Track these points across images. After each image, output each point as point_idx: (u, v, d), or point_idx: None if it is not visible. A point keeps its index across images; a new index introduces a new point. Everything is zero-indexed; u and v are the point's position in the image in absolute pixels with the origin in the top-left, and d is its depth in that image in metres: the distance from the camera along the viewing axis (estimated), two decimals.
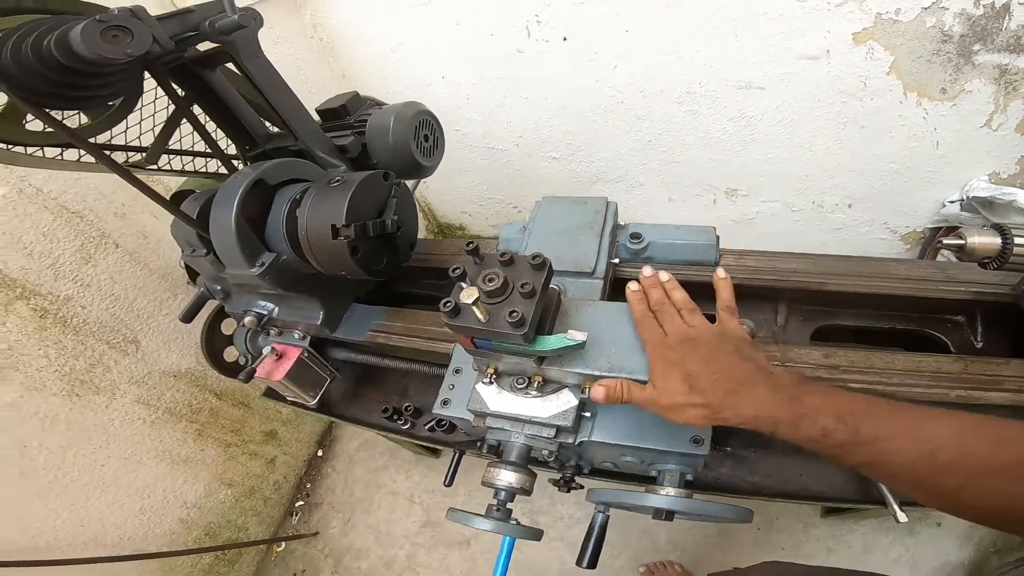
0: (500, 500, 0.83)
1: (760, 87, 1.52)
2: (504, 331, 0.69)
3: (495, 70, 1.69)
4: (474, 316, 0.70)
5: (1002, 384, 0.88)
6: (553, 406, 0.83)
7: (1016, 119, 1.47)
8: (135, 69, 0.93)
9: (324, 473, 2.25)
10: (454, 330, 0.74)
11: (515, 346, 0.73)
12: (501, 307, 0.71)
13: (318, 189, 0.98)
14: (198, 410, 1.66)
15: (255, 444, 1.92)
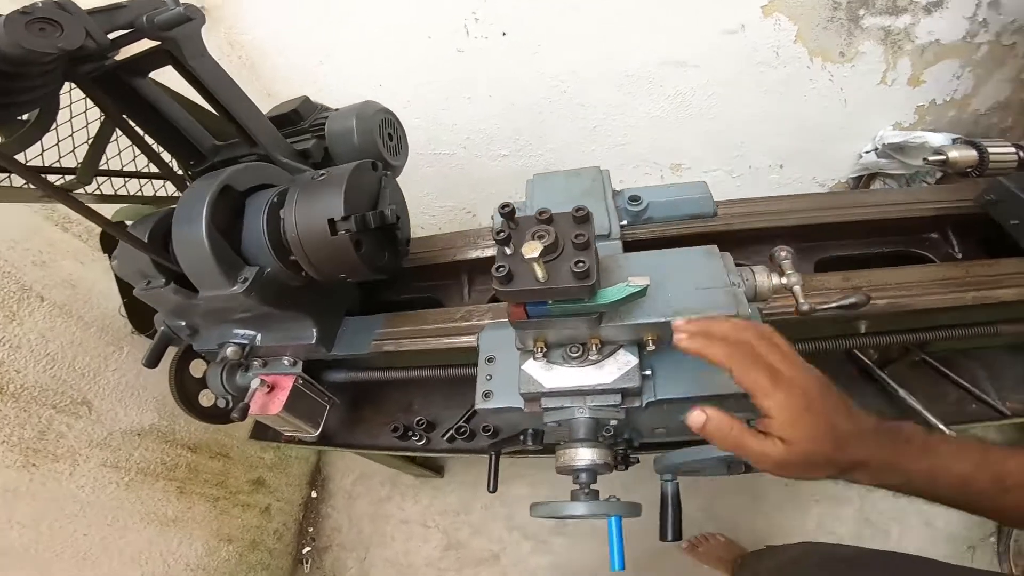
0: (583, 481, 0.73)
1: (692, 64, 1.56)
2: (568, 286, 0.60)
3: (436, 73, 1.61)
4: (532, 276, 0.61)
5: (1003, 282, 0.92)
6: (613, 369, 0.75)
7: (906, 74, 1.60)
8: (57, 74, 0.76)
9: (324, 514, 2.03)
10: (507, 298, 0.65)
11: (575, 305, 0.65)
12: (558, 263, 0.63)
13: (302, 187, 0.84)
14: (173, 467, 1.48)
15: (244, 494, 1.73)
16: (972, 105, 1.71)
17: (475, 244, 1.10)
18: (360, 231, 0.81)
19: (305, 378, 1.05)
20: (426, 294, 1.18)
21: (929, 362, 1.10)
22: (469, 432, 1.13)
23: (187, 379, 1.12)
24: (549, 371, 0.76)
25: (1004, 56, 1.56)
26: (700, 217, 1.01)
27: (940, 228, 1.12)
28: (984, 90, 1.66)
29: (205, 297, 0.87)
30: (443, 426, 1.18)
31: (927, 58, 1.55)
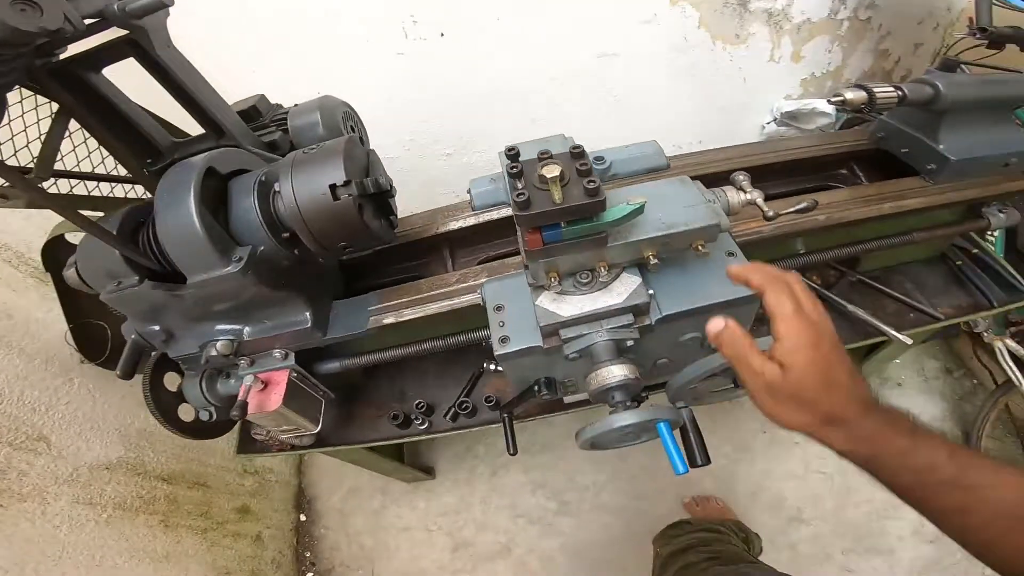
0: (620, 400, 0.76)
1: (615, 53, 1.68)
2: (583, 203, 0.66)
3: (375, 76, 1.62)
4: (548, 200, 0.67)
5: (907, 195, 1.08)
6: (622, 290, 0.81)
7: (789, 51, 1.83)
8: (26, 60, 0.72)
9: (318, 536, 1.90)
10: (526, 223, 0.69)
11: (586, 225, 0.70)
12: (568, 189, 0.68)
13: (296, 161, 0.83)
14: (151, 500, 1.39)
15: (232, 524, 1.60)
16: (844, 75, 1.98)
17: (455, 216, 1.11)
18: (360, 195, 0.81)
19: (299, 371, 1.00)
20: (408, 274, 1.17)
21: (865, 281, 1.26)
22: (471, 407, 1.13)
23: (164, 394, 1.03)
24: (563, 302, 0.80)
25: (863, 30, 1.83)
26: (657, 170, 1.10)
27: (847, 164, 1.29)
28: (851, 61, 1.93)
29: (196, 283, 0.81)
30: (442, 406, 1.17)
31: (803, 35, 1.79)
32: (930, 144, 1.07)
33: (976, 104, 1.03)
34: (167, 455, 1.45)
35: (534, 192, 0.68)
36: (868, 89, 1.02)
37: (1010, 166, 1.11)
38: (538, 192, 0.69)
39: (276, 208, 0.85)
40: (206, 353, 0.94)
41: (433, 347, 1.03)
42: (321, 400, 1.08)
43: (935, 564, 1.61)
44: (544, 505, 1.81)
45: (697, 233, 0.77)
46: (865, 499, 1.71)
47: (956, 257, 1.31)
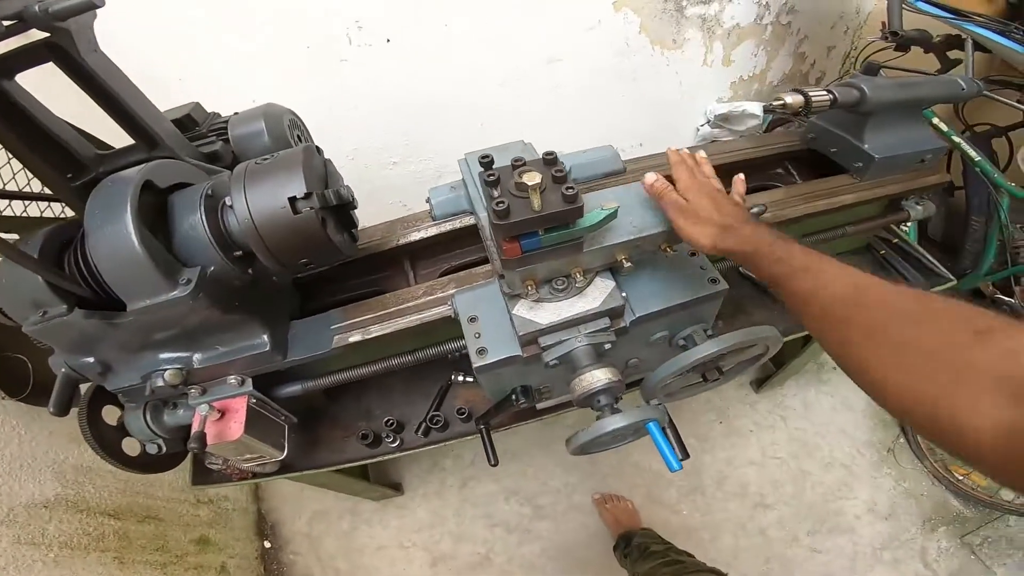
0: (604, 404, 0.75)
1: (561, 59, 1.69)
2: (562, 209, 0.66)
3: (317, 84, 1.53)
4: (528, 207, 0.66)
5: (839, 191, 1.14)
6: (597, 295, 0.81)
7: (720, 55, 1.91)
8: None
9: (287, 562, 1.78)
10: (505, 231, 0.67)
11: (563, 231, 0.70)
12: (546, 196, 0.67)
13: (248, 172, 0.76)
14: (100, 537, 1.32)
15: (193, 555, 1.51)
16: (767, 78, 2.08)
17: (414, 227, 1.06)
18: (322, 208, 0.75)
19: (258, 396, 0.93)
20: (367, 288, 1.10)
21: None
22: (443, 421, 1.09)
23: (104, 429, 0.92)
24: (540, 309, 0.79)
25: (784, 34, 1.94)
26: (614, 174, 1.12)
27: (782, 164, 1.35)
28: (774, 64, 2.04)
29: (137, 310, 0.73)
30: (412, 422, 1.11)
31: (733, 40, 1.87)
32: (856, 144, 1.13)
33: (895, 105, 1.10)
34: (109, 490, 1.34)
35: (512, 200, 0.67)
36: (804, 93, 1.07)
37: (925, 162, 1.19)
38: (515, 200, 0.67)
39: (227, 224, 0.77)
40: (150, 384, 0.85)
41: (401, 363, 0.98)
42: (284, 425, 1.01)
43: (893, 539, 1.71)
44: (519, 511, 1.78)
45: (665, 236, 0.79)
46: (819, 481, 1.80)
47: (879, 247, 1.40)
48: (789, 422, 1.92)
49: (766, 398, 1.96)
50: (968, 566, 1.73)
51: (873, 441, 1.93)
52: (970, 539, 1.78)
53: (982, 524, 1.81)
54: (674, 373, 0.84)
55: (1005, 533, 1.80)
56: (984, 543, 1.77)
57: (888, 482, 1.86)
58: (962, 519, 1.82)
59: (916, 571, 1.71)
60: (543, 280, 0.78)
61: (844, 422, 1.94)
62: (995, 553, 1.75)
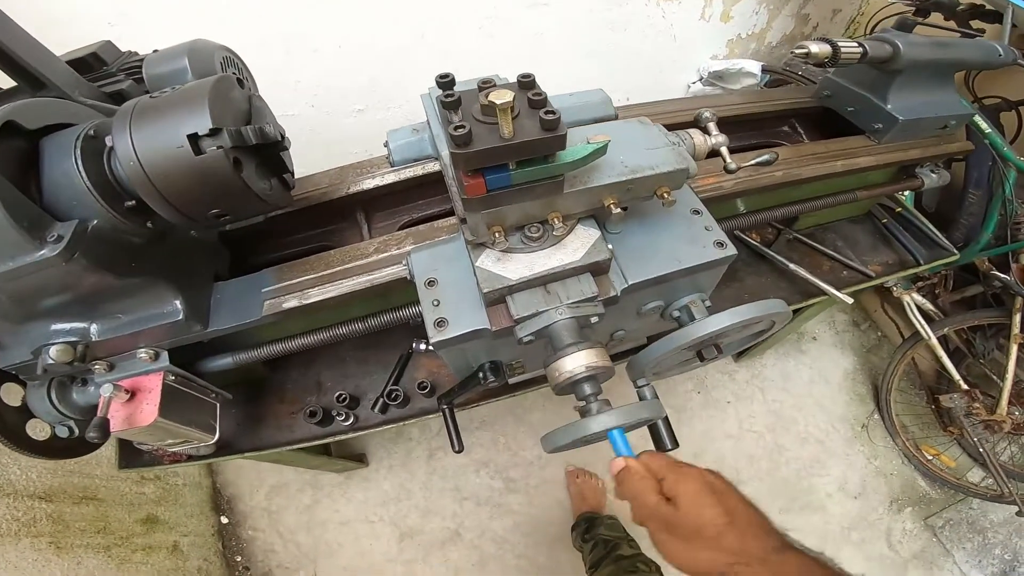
0: (589, 394, 0.60)
1: (545, 3, 1.48)
2: (539, 138, 0.51)
3: (270, 23, 1.31)
4: (496, 134, 0.51)
5: (857, 153, 0.99)
6: (578, 245, 0.65)
7: (719, 11, 1.71)
8: None
9: (247, 538, 1.65)
10: (466, 162, 0.52)
11: (540, 167, 0.55)
12: (520, 121, 0.52)
13: (138, 107, 0.58)
14: (30, 522, 1.17)
15: (140, 537, 1.39)
16: (767, 38, 1.89)
17: (369, 173, 0.88)
18: (236, 147, 0.58)
19: (177, 372, 0.77)
20: (314, 244, 0.93)
21: (800, 239, 1.18)
22: (402, 395, 0.94)
23: (3, 411, 0.76)
24: (509, 261, 0.64)
25: None
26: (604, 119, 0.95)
27: (788, 121, 1.20)
28: (775, 24, 1.85)
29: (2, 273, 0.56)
30: (368, 396, 0.97)
31: None
32: (878, 104, 1.00)
33: (928, 65, 0.96)
34: (38, 471, 1.20)
35: (476, 126, 0.51)
36: (833, 43, 0.93)
37: (947, 128, 1.06)
38: (480, 126, 0.51)
39: (113, 169, 0.60)
40: (41, 362, 0.68)
41: (350, 331, 0.83)
42: (214, 404, 0.85)
43: (861, 519, 1.65)
44: (490, 484, 1.67)
45: (664, 178, 0.64)
46: (794, 456, 1.72)
47: (881, 215, 1.27)
48: (767, 394, 1.84)
49: (745, 367, 1.86)
50: (929, 548, 1.69)
51: (848, 416, 1.85)
52: (933, 521, 1.74)
53: (946, 506, 1.77)
54: (671, 352, 0.70)
55: (967, 516, 1.76)
56: (946, 525, 1.74)
57: (860, 460, 1.79)
58: (928, 500, 1.78)
59: (881, 552, 1.66)
60: (513, 227, 0.63)
61: (821, 395, 1.85)
62: (955, 536, 1.71)
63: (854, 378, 1.89)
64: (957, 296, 1.65)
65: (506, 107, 0.47)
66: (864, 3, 1.99)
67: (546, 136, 0.50)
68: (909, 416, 1.84)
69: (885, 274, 1.16)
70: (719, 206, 0.97)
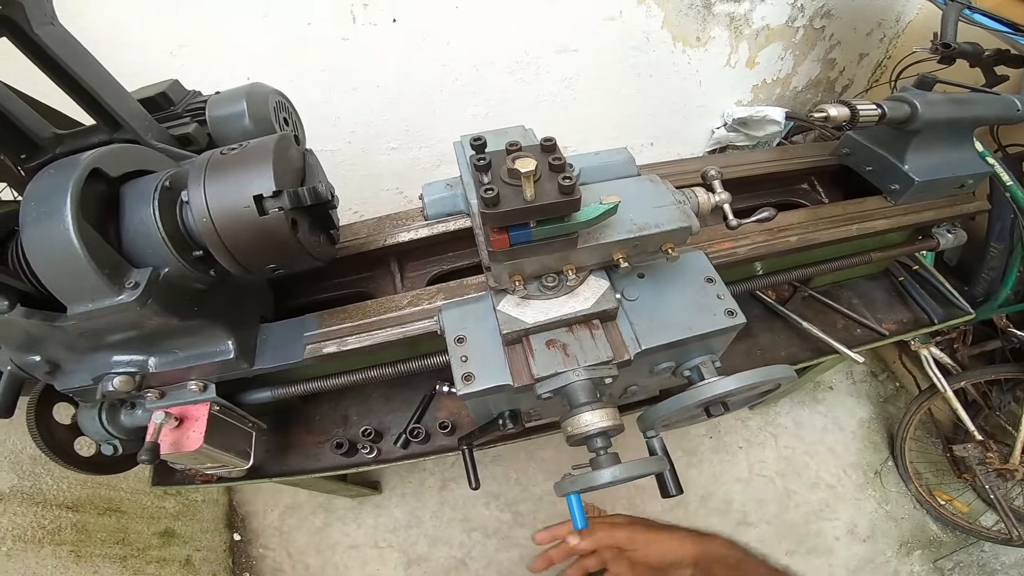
0: (600, 447, 0.66)
1: (575, 49, 1.55)
2: (557, 201, 0.57)
3: (316, 62, 1.40)
4: (519, 197, 0.57)
5: (873, 216, 1.02)
6: (589, 295, 0.72)
7: (744, 57, 1.77)
8: None
9: (257, 556, 1.70)
10: (493, 221, 0.58)
11: (557, 225, 0.61)
12: (540, 184, 0.59)
13: (211, 163, 0.65)
14: (56, 530, 1.24)
15: (156, 549, 1.45)
16: (792, 83, 1.94)
17: (405, 225, 0.94)
18: (294, 208, 0.64)
19: (222, 403, 0.83)
20: (350, 289, 1.00)
21: (815, 296, 1.21)
22: (424, 433, 0.99)
23: (55, 428, 0.83)
24: (527, 307, 0.71)
25: (815, 38, 1.79)
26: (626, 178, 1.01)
27: (807, 179, 1.23)
28: (800, 69, 1.90)
29: (78, 315, 0.63)
30: (392, 432, 1.02)
31: (760, 41, 1.72)
32: (896, 164, 1.01)
33: (946, 124, 0.98)
34: (69, 482, 1.26)
35: (503, 188, 0.58)
36: (851, 105, 0.95)
37: (965, 187, 1.08)
38: (507, 188, 0.58)
39: (185, 221, 0.67)
40: (101, 388, 0.75)
41: (380, 375, 0.89)
42: (251, 432, 0.91)
43: (868, 562, 1.64)
44: (499, 517, 1.71)
45: (668, 235, 0.70)
46: (803, 500, 1.72)
47: (899, 273, 1.29)
48: (780, 440, 1.85)
49: (759, 415, 1.88)
50: None
51: (861, 463, 1.85)
52: (943, 563, 1.72)
53: (956, 549, 1.75)
54: (679, 410, 0.75)
55: (978, 559, 1.74)
56: (956, 567, 1.72)
57: (871, 504, 1.78)
58: (938, 543, 1.76)
59: None
60: (532, 276, 0.70)
61: (834, 442, 1.86)
62: None
63: (869, 427, 1.89)
64: (976, 350, 1.66)
65: (529, 174, 0.54)
66: (892, 47, 2.02)
67: (563, 200, 0.57)
68: (923, 463, 1.84)
69: (899, 333, 1.18)
70: (736, 269, 1.01)
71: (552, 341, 0.70)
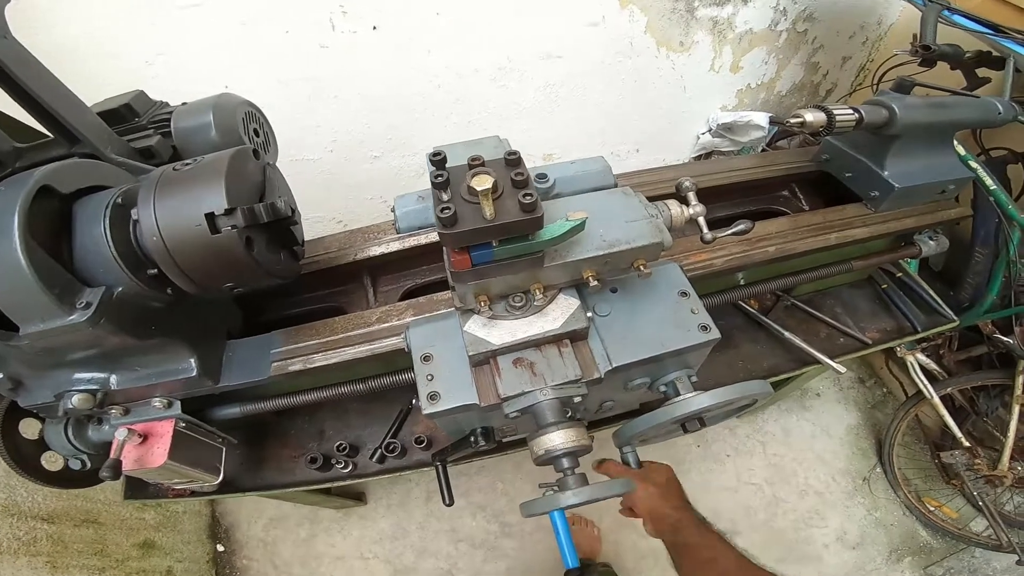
0: (567, 467, 0.64)
1: (559, 56, 1.53)
2: (518, 219, 0.55)
3: (295, 71, 1.37)
4: (478, 215, 0.55)
5: (853, 223, 1.00)
6: (558, 314, 0.69)
7: (728, 61, 1.75)
8: None
9: (240, 567, 1.67)
10: (453, 241, 0.57)
11: (520, 244, 0.59)
12: (502, 202, 0.56)
13: (162, 180, 0.63)
14: (31, 541, 1.22)
15: (134, 561, 1.43)
16: (776, 87, 1.92)
17: (376, 239, 0.92)
18: (249, 226, 0.62)
19: (187, 419, 0.81)
20: (322, 304, 0.98)
21: (799, 305, 1.19)
22: (400, 448, 0.97)
23: (21, 443, 0.82)
24: (494, 327, 0.68)
25: (798, 42, 1.77)
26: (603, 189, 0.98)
27: (788, 186, 1.21)
28: (784, 73, 1.88)
29: (30, 335, 0.61)
30: (367, 447, 1.00)
31: (744, 46, 1.71)
32: (876, 170, 0.99)
33: (925, 128, 0.96)
34: (43, 494, 1.24)
35: (462, 206, 0.56)
36: (828, 111, 0.93)
37: (946, 192, 1.06)
38: (466, 206, 0.56)
39: (138, 238, 0.64)
40: (63, 405, 0.73)
41: (353, 391, 0.86)
42: (221, 448, 0.89)
43: (858, 569, 1.63)
44: (486, 528, 1.68)
45: (639, 252, 0.67)
46: (791, 508, 1.70)
47: (881, 280, 1.28)
48: (768, 448, 1.83)
49: (746, 423, 1.86)
50: None
51: (850, 469, 1.84)
52: (933, 570, 1.71)
53: (947, 555, 1.74)
54: (653, 427, 0.73)
55: (968, 564, 1.73)
56: (946, 574, 1.71)
57: (860, 511, 1.77)
58: (928, 549, 1.75)
59: None
60: (498, 295, 0.67)
61: (822, 449, 1.84)
62: None
63: (857, 433, 1.88)
64: (962, 356, 1.64)
65: (486, 192, 0.52)
66: (874, 50, 2.01)
67: (524, 218, 0.54)
68: (912, 469, 1.82)
69: (882, 341, 1.16)
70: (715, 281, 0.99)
71: (520, 360, 0.68)
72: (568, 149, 1.81)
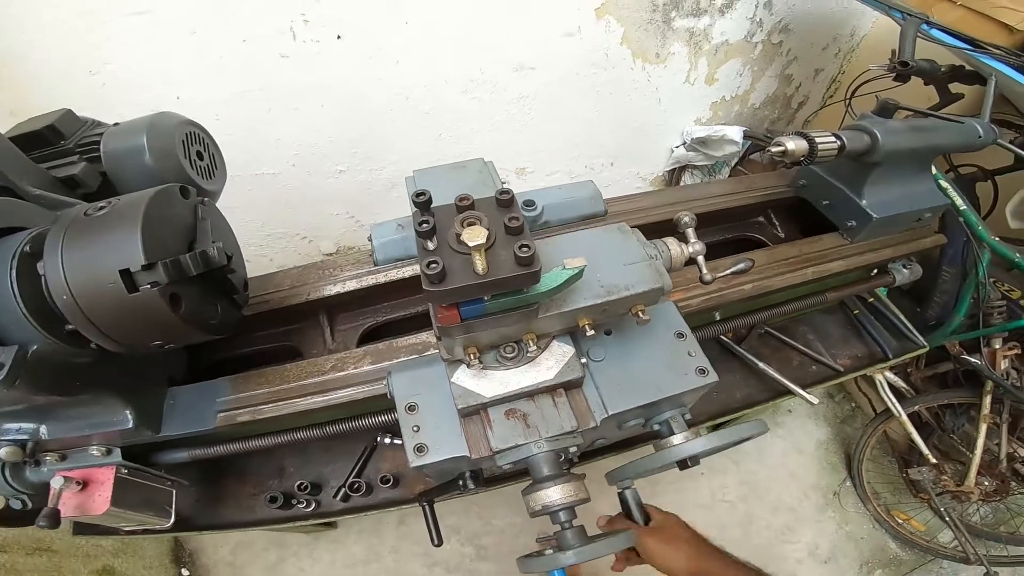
0: (565, 520, 0.60)
1: (532, 67, 1.48)
2: (514, 275, 0.49)
3: (252, 81, 1.29)
4: (470, 270, 0.49)
5: (829, 256, 0.97)
6: (552, 364, 0.65)
7: (704, 73, 1.72)
8: None
9: None
10: (440, 299, 0.51)
11: (515, 297, 0.54)
12: (495, 252, 0.51)
13: (71, 226, 0.55)
14: None
15: None
16: (750, 100, 1.90)
17: (332, 277, 0.85)
18: (175, 282, 0.55)
19: (130, 466, 0.74)
20: (276, 343, 0.91)
21: (772, 333, 1.17)
22: (365, 487, 0.92)
23: None
24: (484, 378, 0.63)
25: (773, 54, 1.75)
26: (593, 217, 0.94)
27: (764, 212, 1.17)
28: (759, 85, 1.85)
29: None
30: (331, 484, 0.95)
31: (719, 57, 1.67)
32: (854, 198, 0.95)
33: (907, 155, 0.92)
34: None
35: (451, 257, 0.50)
36: (810, 139, 0.88)
37: (922, 220, 1.03)
38: (456, 257, 0.50)
39: (50, 294, 0.57)
40: None
41: (308, 436, 0.80)
42: (170, 490, 0.83)
43: None
44: (461, 551, 1.63)
45: (639, 298, 0.62)
46: (765, 525, 1.70)
47: (853, 306, 1.26)
48: (741, 465, 1.82)
49: None
50: None
51: (820, 484, 1.84)
52: None
53: (916, 567, 1.75)
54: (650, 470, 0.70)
55: None
56: None
57: (831, 526, 1.78)
58: (898, 562, 1.76)
59: None
60: (488, 346, 0.62)
61: (795, 465, 1.84)
62: None
63: (827, 448, 1.89)
64: (929, 372, 1.65)
65: (479, 248, 0.46)
66: (847, 62, 1.99)
67: (520, 272, 0.49)
68: (881, 483, 1.83)
69: (854, 368, 1.15)
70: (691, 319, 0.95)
71: (512, 411, 0.63)
72: (542, 163, 1.75)
